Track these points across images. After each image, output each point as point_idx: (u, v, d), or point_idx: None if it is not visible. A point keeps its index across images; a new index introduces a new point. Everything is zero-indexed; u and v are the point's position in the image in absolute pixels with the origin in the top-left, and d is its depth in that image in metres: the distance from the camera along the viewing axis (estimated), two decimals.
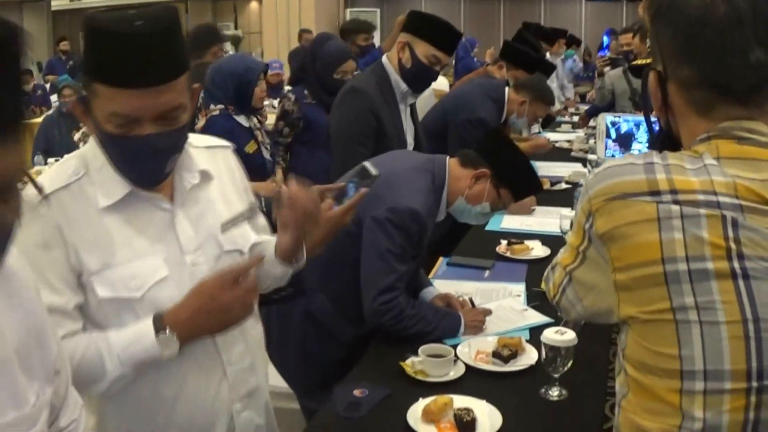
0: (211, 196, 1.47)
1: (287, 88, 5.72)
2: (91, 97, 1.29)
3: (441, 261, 2.94)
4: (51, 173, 1.40)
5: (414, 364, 2.01)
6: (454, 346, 2.06)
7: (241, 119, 3.20)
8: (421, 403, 1.80)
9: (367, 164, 1.78)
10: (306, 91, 3.94)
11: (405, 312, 2.10)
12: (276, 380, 2.42)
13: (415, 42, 2.87)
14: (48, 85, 9.74)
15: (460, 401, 1.80)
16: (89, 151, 1.39)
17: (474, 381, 1.96)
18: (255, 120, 3.29)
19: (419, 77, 2.94)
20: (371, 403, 1.86)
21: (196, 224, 1.43)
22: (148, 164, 1.33)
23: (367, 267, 2.13)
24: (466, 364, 2.01)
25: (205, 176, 1.47)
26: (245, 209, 1.54)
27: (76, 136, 5.10)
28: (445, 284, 2.56)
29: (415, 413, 1.78)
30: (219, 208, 1.48)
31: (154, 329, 1.30)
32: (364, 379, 1.98)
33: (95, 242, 1.33)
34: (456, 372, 1.99)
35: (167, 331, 1.30)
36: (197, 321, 1.33)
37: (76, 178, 1.35)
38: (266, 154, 3.29)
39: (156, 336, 1.30)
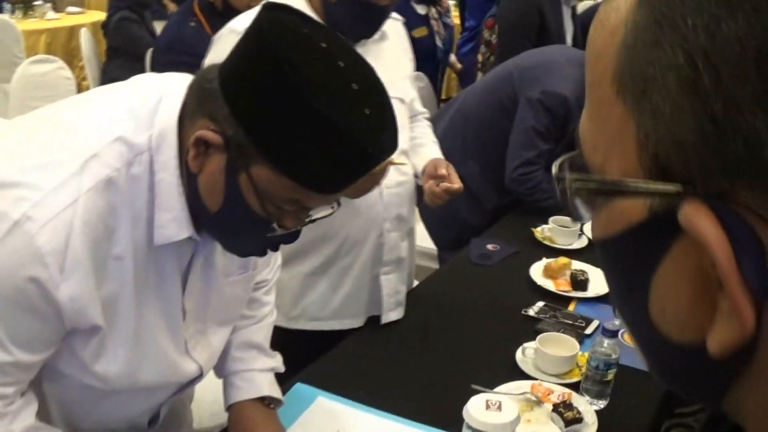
0: (383, 52, 1.76)
1: None
2: None
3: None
4: (243, 16, 1.66)
5: (543, 230, 2.28)
6: None
7: (419, 8, 3.58)
8: (544, 261, 2.07)
9: None
10: None
11: (541, 185, 2.36)
12: (422, 242, 2.76)
13: None
14: None
15: (578, 265, 2.06)
16: None
17: (595, 253, 2.20)
18: (433, 10, 3.62)
19: None
20: (501, 256, 2.16)
21: None
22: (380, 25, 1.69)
23: (514, 140, 2.39)
24: (589, 239, 2.25)
25: (382, 35, 1.77)
26: None
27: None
28: None
29: (537, 269, 2.06)
30: (389, 62, 1.75)
31: None
32: (498, 237, 2.27)
33: None
34: (579, 243, 2.24)
35: None
36: None
37: None
38: (438, 42, 3.61)
39: None
